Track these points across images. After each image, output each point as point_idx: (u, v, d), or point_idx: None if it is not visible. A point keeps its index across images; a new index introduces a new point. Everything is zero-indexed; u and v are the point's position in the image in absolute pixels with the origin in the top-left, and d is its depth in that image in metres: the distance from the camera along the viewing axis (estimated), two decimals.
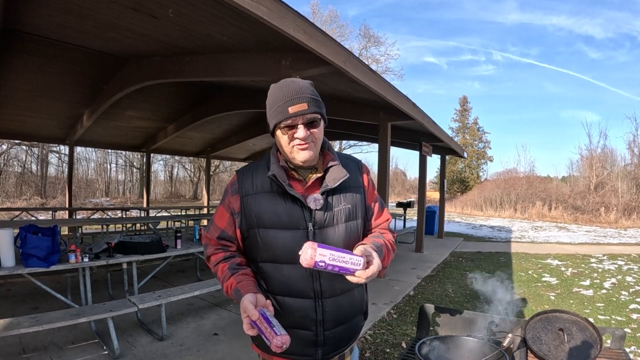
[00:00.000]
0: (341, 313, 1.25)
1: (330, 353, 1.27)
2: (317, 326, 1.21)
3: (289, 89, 1.15)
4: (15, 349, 3.18)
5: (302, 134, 1.13)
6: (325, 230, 1.20)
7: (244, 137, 11.36)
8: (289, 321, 1.16)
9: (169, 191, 27.19)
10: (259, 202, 1.20)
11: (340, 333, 1.26)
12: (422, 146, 8.75)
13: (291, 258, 1.15)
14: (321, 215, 1.19)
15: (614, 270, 7.11)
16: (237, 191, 1.24)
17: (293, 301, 1.19)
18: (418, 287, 5.69)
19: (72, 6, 3.79)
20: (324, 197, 1.20)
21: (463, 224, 16.55)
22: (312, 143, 1.16)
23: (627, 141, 26.59)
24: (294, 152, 1.16)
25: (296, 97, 1.13)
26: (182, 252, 4.63)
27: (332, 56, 3.54)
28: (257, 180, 1.23)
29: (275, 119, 1.15)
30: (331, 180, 1.20)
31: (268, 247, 1.19)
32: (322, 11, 28.27)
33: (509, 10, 51.94)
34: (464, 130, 32.16)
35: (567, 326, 1.61)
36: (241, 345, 3.43)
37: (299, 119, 1.13)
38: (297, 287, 1.19)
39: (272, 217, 1.18)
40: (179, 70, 4.95)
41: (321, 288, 1.20)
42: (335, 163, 1.23)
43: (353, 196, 1.27)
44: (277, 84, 1.20)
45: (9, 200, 18.40)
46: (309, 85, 1.19)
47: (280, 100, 1.14)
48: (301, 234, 1.18)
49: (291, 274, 1.18)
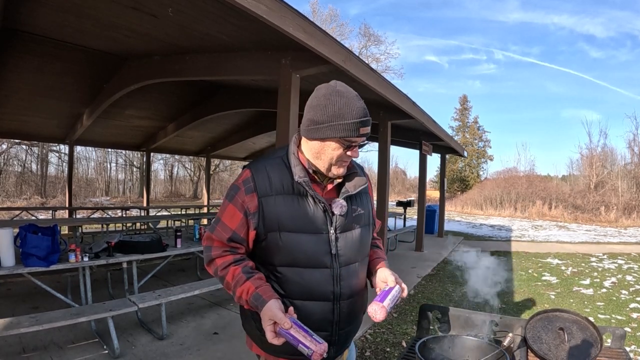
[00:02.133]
0: (353, 312, 1.27)
1: (339, 351, 1.29)
2: (332, 326, 1.22)
3: (359, 107, 1.12)
4: (16, 348, 3.18)
5: (357, 155, 1.17)
6: (345, 234, 1.21)
7: (244, 136, 11.35)
8: (307, 324, 1.16)
9: (169, 190, 27.18)
10: (279, 204, 1.15)
11: (350, 331, 1.30)
12: (422, 145, 8.75)
13: (313, 262, 1.16)
14: (342, 220, 1.20)
15: (614, 269, 7.11)
16: (252, 190, 1.16)
17: (312, 305, 1.18)
18: (418, 286, 5.69)
19: (72, 5, 3.78)
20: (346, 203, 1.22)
21: (463, 223, 16.55)
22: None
23: (627, 140, 26.59)
24: (337, 166, 1.17)
25: (366, 120, 1.14)
26: (182, 251, 4.63)
27: (332, 55, 3.53)
28: (275, 179, 1.17)
29: (342, 133, 1.11)
30: (352, 187, 1.22)
31: (289, 251, 1.16)
32: (322, 10, 28.27)
33: (511, 9, 51.99)
34: (464, 129, 32.14)
35: (567, 325, 1.60)
36: (241, 344, 3.41)
37: (359, 140, 1.15)
38: (318, 291, 1.18)
39: (295, 221, 1.15)
40: (179, 69, 4.94)
41: (341, 291, 1.21)
42: (356, 171, 1.26)
43: (366, 202, 1.31)
44: (338, 90, 1.13)
45: (9, 199, 18.39)
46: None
47: (353, 116, 1.11)
48: (324, 238, 1.18)
49: (312, 278, 1.17)
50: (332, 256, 1.18)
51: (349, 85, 1.19)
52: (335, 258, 1.19)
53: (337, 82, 1.16)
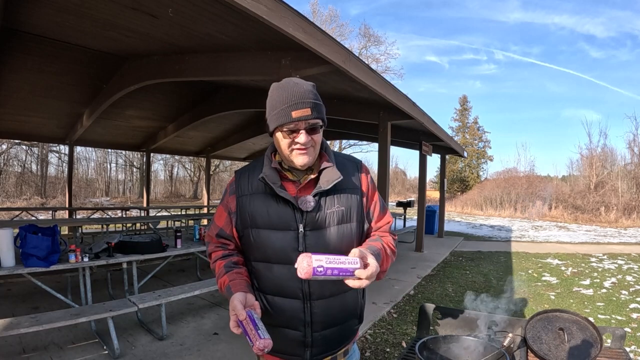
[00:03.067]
0: (330, 315, 1.23)
1: (320, 354, 1.25)
2: (305, 327, 1.21)
3: (292, 92, 1.13)
4: (16, 348, 3.18)
5: (303, 140, 1.13)
6: (317, 232, 1.19)
7: (243, 137, 11.36)
8: (278, 320, 1.20)
9: (169, 191, 27.20)
10: (253, 203, 1.22)
11: (330, 335, 1.25)
12: (422, 145, 8.75)
13: (282, 258, 1.18)
14: (313, 216, 1.18)
15: (614, 270, 7.11)
16: (234, 191, 1.27)
17: (282, 301, 1.20)
18: (418, 287, 5.69)
19: (72, 5, 3.78)
20: (315, 199, 1.18)
21: (463, 223, 16.55)
22: (311, 148, 1.17)
23: (627, 140, 26.63)
24: (293, 156, 1.16)
25: (300, 102, 1.12)
26: (182, 251, 4.63)
27: (332, 55, 3.54)
28: (253, 181, 1.24)
29: (277, 122, 1.14)
30: (325, 182, 1.18)
31: (260, 247, 1.21)
32: (322, 10, 28.29)
33: (511, 9, 51.98)
34: (464, 130, 32.16)
35: (567, 326, 1.60)
36: (241, 345, 3.42)
37: (301, 124, 1.13)
38: (287, 287, 1.19)
39: (264, 218, 1.20)
40: (179, 69, 4.94)
41: (309, 289, 1.19)
42: (330, 165, 1.21)
43: (348, 198, 1.24)
44: (278, 84, 1.18)
45: (9, 200, 18.41)
46: (312, 88, 1.17)
47: (283, 103, 1.13)
48: (292, 235, 1.18)
49: (281, 273, 1.19)
50: (299, 253, 1.12)
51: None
52: None
53: (286, 78, 1.19)
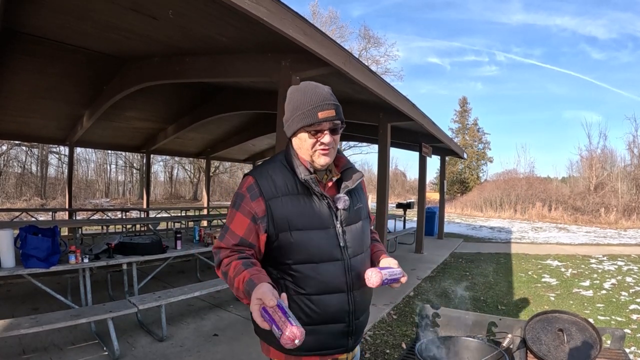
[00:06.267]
0: (365, 301, 1.33)
1: (356, 341, 1.33)
2: (349, 317, 1.26)
3: (316, 94, 1.20)
4: (16, 349, 3.18)
5: (328, 140, 1.20)
6: (350, 227, 1.28)
7: (243, 138, 11.36)
8: (325, 318, 1.22)
9: (168, 192, 27.17)
10: (286, 205, 1.20)
11: (363, 321, 1.34)
12: (422, 147, 8.76)
13: (326, 256, 1.22)
14: (345, 214, 1.27)
15: (613, 271, 7.11)
16: (258, 195, 1.19)
17: (329, 298, 1.22)
18: (418, 288, 5.69)
19: (72, 7, 3.79)
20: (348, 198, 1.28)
21: (463, 224, 16.55)
22: (332, 149, 1.24)
23: (626, 142, 26.57)
24: (316, 156, 1.22)
25: (325, 103, 1.19)
26: (182, 253, 4.63)
27: (332, 57, 3.54)
28: (279, 182, 1.22)
29: (303, 122, 1.19)
30: (350, 182, 1.29)
31: (302, 248, 1.20)
32: (322, 12, 28.30)
33: (513, 11, 52.06)
34: (463, 131, 32.17)
35: (566, 327, 1.61)
36: (241, 346, 3.43)
37: (326, 125, 1.19)
38: (333, 283, 1.23)
39: (304, 219, 1.21)
40: (179, 71, 4.95)
41: (352, 281, 1.26)
42: (351, 166, 1.34)
43: (362, 196, 1.39)
44: (298, 87, 1.24)
45: (9, 201, 18.40)
46: (331, 91, 1.24)
47: (309, 104, 1.18)
48: (332, 232, 1.24)
49: (327, 271, 1.22)
50: (342, 249, 1.25)
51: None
52: (344, 250, 1.25)
53: (303, 82, 1.26)
